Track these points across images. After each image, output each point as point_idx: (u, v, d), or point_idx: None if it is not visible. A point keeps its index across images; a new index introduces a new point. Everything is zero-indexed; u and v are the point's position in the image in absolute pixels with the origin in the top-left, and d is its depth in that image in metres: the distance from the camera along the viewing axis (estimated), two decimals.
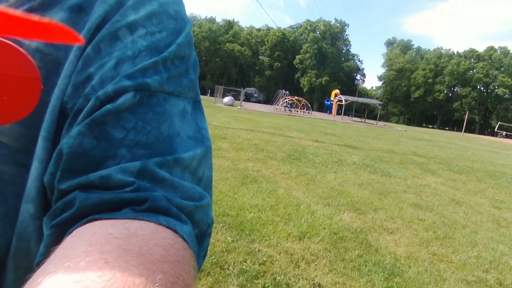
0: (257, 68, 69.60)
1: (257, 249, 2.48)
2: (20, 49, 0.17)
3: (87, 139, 0.27)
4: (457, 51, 68.11)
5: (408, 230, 3.40)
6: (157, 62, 0.30)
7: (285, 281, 2.12)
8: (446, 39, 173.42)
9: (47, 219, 0.26)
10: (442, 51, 67.94)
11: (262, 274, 2.16)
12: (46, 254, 0.24)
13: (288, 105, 29.83)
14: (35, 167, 0.28)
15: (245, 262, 2.27)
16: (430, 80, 64.00)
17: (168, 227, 0.24)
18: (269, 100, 50.77)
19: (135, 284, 0.17)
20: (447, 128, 68.46)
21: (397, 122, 67.30)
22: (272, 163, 5.55)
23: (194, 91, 0.35)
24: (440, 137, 22.84)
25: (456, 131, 56.61)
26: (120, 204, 0.25)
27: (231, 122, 11.66)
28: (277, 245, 2.60)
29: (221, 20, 69.94)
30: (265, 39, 67.17)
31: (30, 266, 0.28)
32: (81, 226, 0.24)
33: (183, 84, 0.32)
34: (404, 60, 67.43)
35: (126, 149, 0.27)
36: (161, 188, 0.27)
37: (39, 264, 0.23)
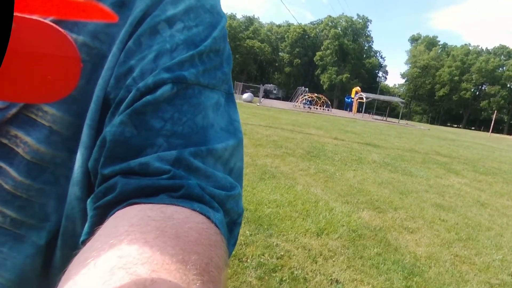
0: (276, 64, 69.24)
1: (275, 243, 2.50)
2: (60, 29, 0.17)
3: (128, 128, 0.28)
4: (486, 48, 65.16)
5: (429, 230, 3.33)
6: (194, 56, 0.31)
7: (302, 276, 2.14)
8: (475, 35, 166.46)
9: (91, 201, 0.28)
10: (470, 47, 65.18)
11: (279, 267, 2.19)
12: (90, 233, 0.26)
13: (308, 102, 29.54)
14: (81, 153, 0.30)
15: (263, 255, 2.30)
16: (456, 78, 61.67)
17: (201, 213, 0.25)
18: (288, 97, 50.47)
19: (172, 262, 0.18)
20: (473, 128, 65.81)
21: (420, 121, 65.24)
22: (291, 159, 5.55)
23: (227, 84, 0.36)
24: (465, 137, 22.04)
25: (483, 131, 54.39)
26: (157, 190, 0.27)
27: (250, 118, 11.70)
28: (294, 240, 2.61)
29: (242, 17, 70.00)
30: (285, 36, 66.65)
31: (75, 245, 0.30)
32: (122, 208, 0.25)
33: (217, 77, 0.34)
34: (429, 57, 65.21)
35: (164, 139, 0.29)
36: (195, 176, 0.28)
37: (84, 242, 0.24)
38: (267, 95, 41.16)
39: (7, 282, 0.28)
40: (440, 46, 68.75)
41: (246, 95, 25.34)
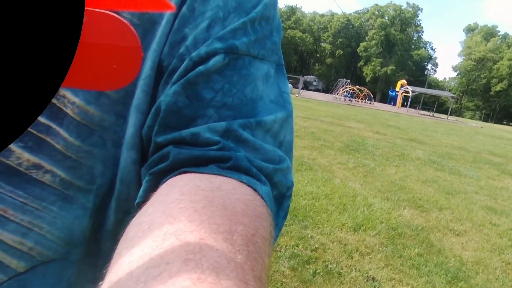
0: (318, 55, 67.55)
1: (309, 235, 2.47)
2: (123, 19, 0.18)
3: (181, 98, 0.29)
4: None
5: (478, 234, 3.09)
6: (246, 23, 0.31)
7: (337, 270, 2.09)
8: None
9: (145, 169, 0.30)
10: None
11: (313, 260, 2.16)
12: (144, 197, 0.27)
13: (349, 95, 28.60)
14: (138, 118, 0.30)
15: (297, 246, 2.27)
16: None
17: (248, 185, 0.25)
18: (328, 89, 49.21)
19: (219, 231, 0.18)
20: None
21: (471, 118, 60.46)
22: (329, 152, 5.42)
23: (277, 54, 0.35)
24: None
25: None
26: (207, 160, 0.27)
27: None
28: (330, 234, 2.56)
29: (284, 6, 68.87)
30: (328, 25, 64.62)
31: (128, 210, 0.31)
32: (173, 177, 0.26)
33: (267, 47, 0.33)
34: (486, 48, 59.89)
35: (214, 110, 0.29)
36: (244, 148, 0.29)
37: (139, 204, 0.26)
38: (306, 86, 40.42)
39: (56, 239, 0.29)
40: (500, 36, 62.79)
41: None
